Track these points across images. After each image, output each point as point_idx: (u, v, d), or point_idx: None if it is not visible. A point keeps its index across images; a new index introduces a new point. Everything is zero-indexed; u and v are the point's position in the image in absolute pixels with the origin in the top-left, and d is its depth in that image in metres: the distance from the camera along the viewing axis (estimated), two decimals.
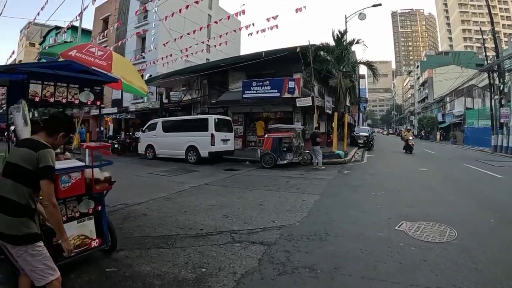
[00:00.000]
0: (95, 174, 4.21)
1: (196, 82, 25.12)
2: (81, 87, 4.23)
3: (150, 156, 18.50)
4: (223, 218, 6.45)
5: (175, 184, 10.47)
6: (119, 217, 6.74)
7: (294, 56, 18.89)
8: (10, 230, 2.53)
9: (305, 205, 7.45)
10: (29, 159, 2.65)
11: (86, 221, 4.28)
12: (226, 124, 17.55)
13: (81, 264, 4.27)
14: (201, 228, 5.84)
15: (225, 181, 10.94)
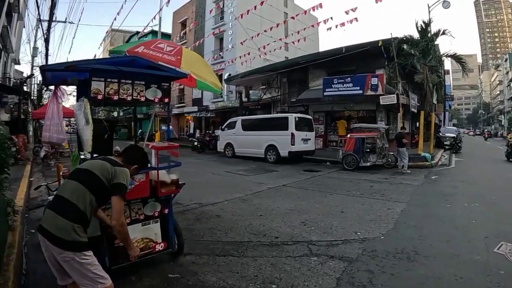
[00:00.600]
0: (161, 176, 3.97)
1: (276, 81, 24.80)
2: (148, 83, 3.99)
3: (229, 155, 18.61)
4: (300, 225, 5.92)
5: (253, 184, 10.17)
6: (192, 217, 6.60)
7: (375, 51, 17.86)
8: (60, 233, 2.44)
9: (390, 214, 6.64)
10: (105, 171, 2.72)
11: (152, 224, 4.10)
12: (307, 123, 16.96)
13: (144, 266, 4.15)
14: (276, 236, 5.38)
15: (304, 183, 10.36)
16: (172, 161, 4.24)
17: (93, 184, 2.67)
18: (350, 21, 15.57)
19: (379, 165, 13.95)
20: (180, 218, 6.41)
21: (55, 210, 2.55)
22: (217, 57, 29.56)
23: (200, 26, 32.37)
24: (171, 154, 4.25)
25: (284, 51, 27.37)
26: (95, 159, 3.15)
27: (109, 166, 2.76)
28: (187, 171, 13.15)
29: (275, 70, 23.58)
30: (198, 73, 4.72)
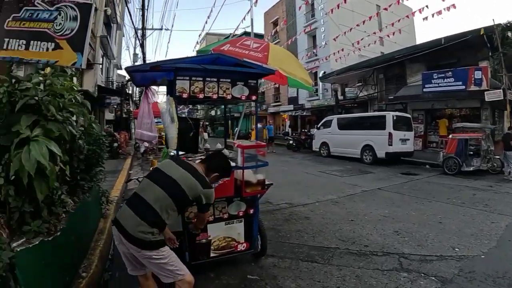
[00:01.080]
0: (247, 176, 3.89)
1: (372, 77, 23.56)
2: (234, 81, 3.92)
3: (324, 154, 18.26)
4: (393, 235, 5.44)
5: (346, 186, 9.76)
6: (281, 217, 6.51)
7: (477, 41, 15.85)
8: (139, 235, 2.51)
9: (494, 229, 5.73)
10: (194, 190, 2.76)
11: (235, 223, 4.07)
12: (405, 122, 15.86)
13: (224, 265, 4.15)
14: (366, 245, 4.99)
15: (401, 187, 9.61)
16: (259, 161, 4.12)
17: (178, 198, 2.71)
18: (447, 8, 14.19)
19: (483, 171, 12.28)
20: (269, 217, 6.42)
21: (135, 211, 2.62)
22: (311, 54, 29.08)
23: (292, 24, 32.23)
24: (258, 153, 4.14)
25: (379, 46, 25.90)
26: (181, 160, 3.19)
27: (200, 188, 2.77)
28: (280, 169, 13.22)
29: (370, 66, 22.41)
30: (287, 69, 4.54)
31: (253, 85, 4.01)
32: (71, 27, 4.13)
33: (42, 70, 3.75)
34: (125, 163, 13.98)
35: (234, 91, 3.91)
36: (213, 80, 3.78)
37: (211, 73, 3.78)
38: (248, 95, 3.99)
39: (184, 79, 3.67)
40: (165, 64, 3.70)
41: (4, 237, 2.80)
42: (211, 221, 3.86)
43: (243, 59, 4.20)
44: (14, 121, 2.88)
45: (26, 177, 2.70)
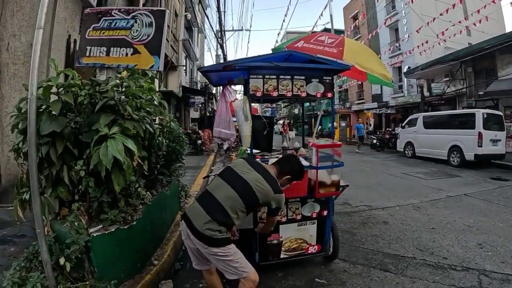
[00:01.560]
0: (321, 176, 3.74)
1: (460, 71, 21.68)
2: (308, 78, 3.80)
3: (408, 154, 17.39)
4: (476, 248, 4.90)
5: (430, 190, 9.09)
6: (358, 220, 6.29)
7: None
8: (207, 232, 2.58)
9: None
10: (265, 196, 2.78)
11: (308, 225, 3.96)
12: (497, 120, 14.25)
13: (293, 265, 4.10)
14: (445, 257, 4.56)
15: (490, 194, 8.65)
16: (334, 161, 3.94)
17: (250, 203, 2.77)
18: None
19: None
20: (346, 219, 6.27)
21: (205, 209, 2.68)
22: (394, 49, 27.75)
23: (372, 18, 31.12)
24: (334, 153, 3.95)
25: (466, 37, 23.83)
26: (254, 161, 3.19)
27: (272, 194, 2.79)
28: (362, 169, 13.05)
29: (458, 59, 20.58)
30: (364, 64, 4.30)
31: (329, 81, 3.86)
32: (147, 33, 4.33)
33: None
34: (208, 160, 14.58)
35: (308, 88, 3.80)
36: (287, 78, 3.71)
37: (285, 71, 3.71)
38: (323, 92, 3.85)
39: (258, 78, 3.65)
40: (238, 63, 3.70)
41: (83, 223, 3.12)
42: (283, 222, 3.80)
43: (317, 55, 4.05)
44: (94, 120, 3.14)
45: (104, 170, 2.93)
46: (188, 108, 26.30)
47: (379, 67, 4.67)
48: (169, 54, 17.58)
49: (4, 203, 5.76)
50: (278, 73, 3.68)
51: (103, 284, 2.99)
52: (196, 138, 18.12)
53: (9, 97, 6.23)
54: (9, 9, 6.23)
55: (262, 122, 4.26)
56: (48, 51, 7.07)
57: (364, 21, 32.07)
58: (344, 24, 39.84)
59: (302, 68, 3.77)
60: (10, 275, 2.83)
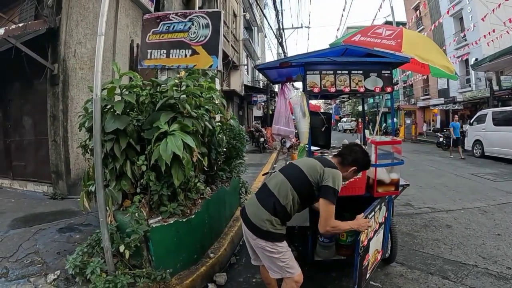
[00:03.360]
0: (379, 174, 3.60)
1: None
2: (366, 73, 3.69)
3: (477, 154, 16.14)
4: None
5: (499, 192, 8.45)
6: (419, 222, 6.01)
7: None
8: (256, 221, 2.56)
9: None
10: (314, 171, 2.63)
11: (380, 231, 3.73)
12: None
13: (348, 265, 3.81)
14: (509, 267, 4.20)
15: None
16: (395, 159, 3.81)
17: (298, 182, 2.63)
18: None
19: None
20: (407, 221, 6.05)
21: (258, 198, 2.69)
22: (459, 39, 26.24)
23: (435, 8, 29.64)
24: (394, 150, 3.81)
25: None
26: (312, 156, 3.17)
27: (319, 166, 2.65)
28: (427, 169, 12.51)
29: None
30: (424, 56, 4.10)
31: (387, 75, 3.71)
32: (204, 34, 4.54)
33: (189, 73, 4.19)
34: (270, 157, 14.82)
35: (367, 83, 3.69)
36: (344, 73, 3.64)
37: (341, 66, 3.64)
38: (382, 87, 3.71)
39: (315, 73, 3.63)
40: (294, 59, 3.69)
41: (144, 214, 3.32)
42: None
43: (374, 48, 3.93)
44: (155, 118, 3.33)
45: (164, 165, 3.08)
46: (251, 106, 26.70)
47: (441, 59, 4.42)
48: (230, 53, 17.95)
49: (73, 195, 6.32)
50: (335, 68, 3.62)
51: (159, 272, 3.17)
52: (259, 136, 18.35)
53: (77, 98, 6.74)
54: (73, 19, 6.75)
55: (320, 119, 4.22)
56: (112, 55, 7.55)
57: (426, 11, 30.71)
58: (406, 16, 38.31)
59: (359, 63, 3.68)
60: (73, 259, 3.13)
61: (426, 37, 5.62)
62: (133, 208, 3.26)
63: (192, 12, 4.74)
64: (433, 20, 26.82)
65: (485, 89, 23.66)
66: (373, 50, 3.82)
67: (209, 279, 3.73)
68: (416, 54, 4.07)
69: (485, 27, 20.59)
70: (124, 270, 3.12)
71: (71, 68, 6.71)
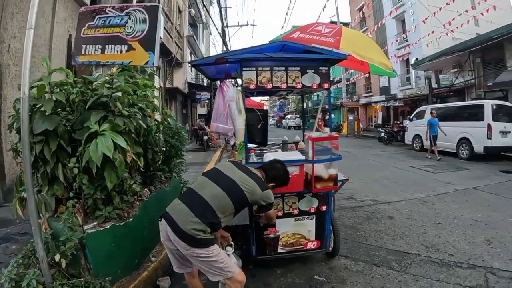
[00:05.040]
0: (317, 170, 3.63)
1: (468, 62, 21.32)
2: (303, 69, 3.70)
3: (417, 147, 17.17)
4: (484, 244, 4.75)
5: (438, 183, 8.92)
6: (362, 215, 6.18)
7: None
8: (190, 231, 2.45)
9: None
10: (253, 192, 2.71)
11: (306, 220, 3.88)
12: (506, 112, 13.97)
13: (293, 262, 4.03)
14: (451, 253, 4.41)
15: (499, 188, 8.45)
16: (332, 155, 3.83)
17: (239, 203, 2.69)
18: None
19: None
20: (350, 214, 6.18)
21: (190, 207, 2.56)
22: (401, 40, 27.50)
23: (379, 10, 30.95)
24: (331, 146, 3.85)
25: (474, 27, 23.34)
26: (241, 164, 3.17)
27: (259, 191, 2.72)
28: (369, 163, 12.91)
29: (465, 49, 20.11)
30: (362, 53, 4.17)
31: (325, 72, 3.75)
32: (141, 29, 4.33)
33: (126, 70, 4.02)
34: (214, 155, 14.66)
35: (304, 79, 3.71)
36: (281, 69, 3.62)
37: (278, 62, 3.63)
38: (319, 83, 3.74)
39: (251, 70, 3.58)
40: (230, 55, 3.64)
41: (78, 220, 3.14)
42: (280, 216, 3.72)
43: (311, 44, 3.95)
44: (86, 117, 3.15)
45: (95, 167, 2.94)
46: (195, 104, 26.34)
47: (379, 56, 4.53)
48: (173, 50, 17.60)
49: (10, 202, 5.85)
50: (272, 65, 3.60)
51: (98, 280, 3.00)
52: (203, 134, 18.14)
53: (11, 97, 6.32)
54: (9, 12, 6.27)
55: (256, 115, 4.18)
56: (48, 51, 7.10)
57: (370, 13, 31.79)
58: (350, 17, 39.56)
59: (297, 59, 3.69)
60: (8, 272, 2.88)
61: (365, 35, 5.76)
62: (66, 214, 3.05)
63: (129, 5, 4.52)
64: (377, 22, 27.84)
65: (424, 87, 24.94)
66: (311, 46, 3.83)
67: (153, 284, 3.62)
68: (354, 51, 4.13)
69: (425, 29, 21.77)
70: (62, 281, 2.92)
71: (4, 65, 6.24)
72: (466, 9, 17.63)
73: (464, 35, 21.65)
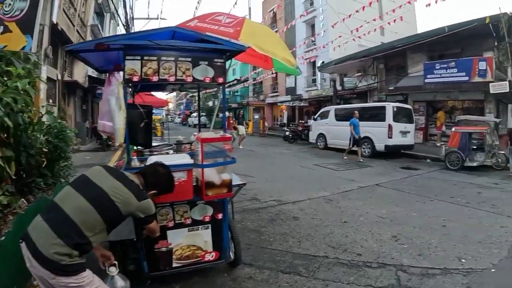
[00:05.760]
0: (208, 175, 3.20)
1: (372, 67, 22.95)
2: (196, 60, 3.26)
3: (321, 146, 17.80)
4: (391, 241, 4.78)
5: (342, 181, 9.14)
6: (266, 217, 5.92)
7: (482, 30, 15.02)
8: (53, 256, 1.94)
9: (503, 236, 5.04)
10: (127, 203, 2.26)
11: (201, 230, 3.44)
12: (406, 113, 15.26)
13: (193, 275, 3.62)
14: (359, 253, 4.34)
15: (401, 184, 8.94)
16: (226, 157, 3.42)
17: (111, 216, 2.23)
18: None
19: (487, 166, 11.57)
20: (253, 217, 5.88)
21: (52, 226, 2.04)
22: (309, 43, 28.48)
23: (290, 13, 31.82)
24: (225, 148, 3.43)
25: (380, 36, 25.25)
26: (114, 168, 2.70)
27: (134, 201, 2.28)
28: (274, 162, 12.89)
29: (370, 55, 21.60)
30: (264, 47, 3.81)
31: (220, 64, 3.36)
32: (20, 7, 3.68)
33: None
34: (114, 155, 13.69)
35: (195, 72, 3.27)
36: (170, 60, 3.15)
37: (167, 51, 3.15)
38: (213, 77, 3.33)
39: (135, 59, 3.07)
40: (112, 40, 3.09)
41: None
42: (170, 227, 3.26)
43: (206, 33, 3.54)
44: None
45: None
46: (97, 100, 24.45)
47: (282, 51, 4.19)
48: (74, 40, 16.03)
49: None
50: (160, 54, 3.12)
51: None
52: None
53: None
54: None
55: (139, 112, 3.65)
56: None
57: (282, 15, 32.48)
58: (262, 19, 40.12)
59: (188, 49, 3.24)
60: None
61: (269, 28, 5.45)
62: None
63: None
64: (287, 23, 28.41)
65: (329, 88, 26.02)
66: (205, 35, 3.39)
67: None
68: (256, 44, 3.73)
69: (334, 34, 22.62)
70: None
71: None
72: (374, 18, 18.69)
73: (370, 43, 23.25)
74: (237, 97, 43.61)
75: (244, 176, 9.14)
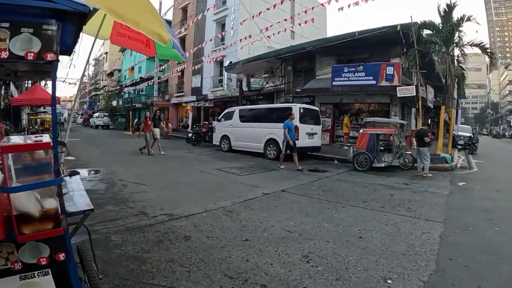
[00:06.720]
0: (22, 204, 2.00)
1: (280, 69, 23.14)
2: (16, 27, 2.08)
3: (225, 148, 17.11)
4: (302, 263, 3.98)
5: (245, 187, 8.32)
6: (152, 237, 4.75)
7: (392, 37, 16.01)
8: None
9: (427, 243, 4.67)
10: None
11: (38, 277, 2.25)
12: (313, 115, 15.22)
13: None
14: (264, 284, 3.43)
15: (309, 188, 8.43)
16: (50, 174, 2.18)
17: None
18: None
19: (395, 166, 12.10)
20: (137, 238, 4.66)
21: None
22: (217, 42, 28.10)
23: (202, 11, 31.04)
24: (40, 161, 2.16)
25: (290, 40, 25.75)
26: None
27: None
28: (171, 167, 11.75)
29: (279, 56, 21.75)
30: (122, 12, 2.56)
31: (51, 34, 2.17)
32: None
33: None
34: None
35: (14, 44, 2.06)
36: None
37: None
38: (39, 52, 2.13)
39: None
40: None
41: None
42: None
43: None
44: None
45: None
46: None
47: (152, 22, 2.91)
48: None
49: None
50: None
51: None
52: None
53: None
54: None
55: None
56: None
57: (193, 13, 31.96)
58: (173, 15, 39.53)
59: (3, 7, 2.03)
60: None
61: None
62: None
63: None
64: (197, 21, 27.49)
65: (235, 89, 25.71)
66: None
67: None
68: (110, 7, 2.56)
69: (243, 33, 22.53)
70: None
71: None
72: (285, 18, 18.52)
73: (280, 45, 23.56)
74: (142, 96, 42.01)
75: (136, 184, 8.01)
